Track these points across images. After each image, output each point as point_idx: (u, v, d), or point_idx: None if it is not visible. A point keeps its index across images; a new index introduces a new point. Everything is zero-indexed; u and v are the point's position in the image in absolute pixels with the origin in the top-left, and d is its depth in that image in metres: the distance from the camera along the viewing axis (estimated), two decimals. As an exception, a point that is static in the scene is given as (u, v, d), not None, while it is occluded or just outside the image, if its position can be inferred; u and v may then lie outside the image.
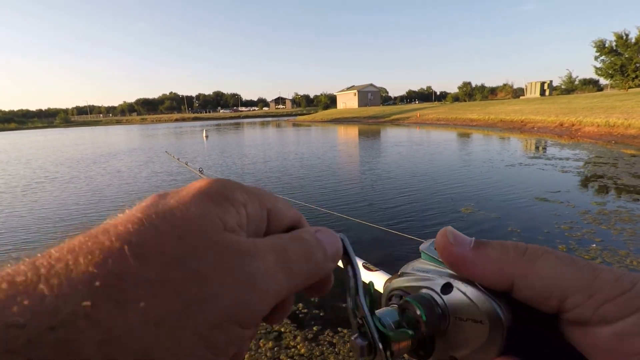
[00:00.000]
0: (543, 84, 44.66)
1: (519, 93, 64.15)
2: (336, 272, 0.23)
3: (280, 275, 0.19)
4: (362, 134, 21.82)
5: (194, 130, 35.96)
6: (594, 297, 0.18)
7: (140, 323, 0.14)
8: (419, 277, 0.25)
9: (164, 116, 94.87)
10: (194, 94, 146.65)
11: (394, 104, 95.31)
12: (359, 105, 61.55)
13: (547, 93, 43.60)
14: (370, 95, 65.87)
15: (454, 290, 0.22)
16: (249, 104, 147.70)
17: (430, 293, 0.23)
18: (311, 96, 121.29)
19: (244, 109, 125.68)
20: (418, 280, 0.25)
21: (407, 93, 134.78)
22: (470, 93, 77.03)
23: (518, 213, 4.97)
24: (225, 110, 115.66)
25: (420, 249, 0.26)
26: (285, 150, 14.37)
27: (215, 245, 0.17)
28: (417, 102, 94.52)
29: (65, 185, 8.64)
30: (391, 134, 20.71)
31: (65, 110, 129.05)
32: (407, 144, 14.57)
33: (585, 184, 6.62)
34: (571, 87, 55.33)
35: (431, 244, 0.25)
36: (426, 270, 0.25)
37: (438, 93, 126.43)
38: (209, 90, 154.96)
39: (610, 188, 6.13)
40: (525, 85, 49.09)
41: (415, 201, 5.80)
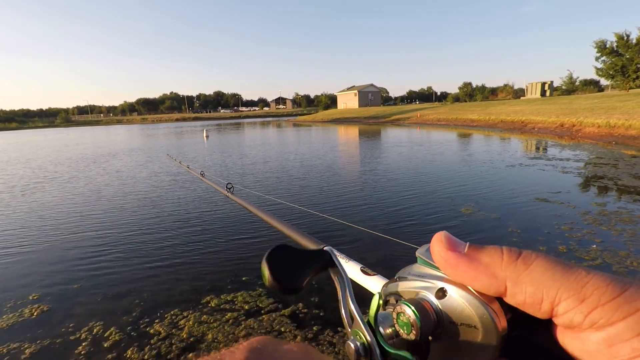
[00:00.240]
0: (544, 84, 44.60)
1: (519, 94, 64.12)
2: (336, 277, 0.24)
3: None
4: (363, 134, 21.81)
5: (194, 130, 36.01)
6: (585, 302, 0.18)
7: None
8: (414, 282, 0.25)
9: (165, 116, 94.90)
10: (195, 94, 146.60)
11: (395, 104, 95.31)
12: (360, 105, 61.55)
13: (548, 94, 43.55)
14: (371, 96, 65.85)
15: (448, 295, 0.23)
16: (250, 104, 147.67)
17: (425, 298, 0.24)
18: (312, 96, 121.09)
19: (244, 109, 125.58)
20: (414, 284, 0.25)
21: (408, 93, 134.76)
22: (470, 93, 76.91)
23: (518, 213, 4.96)
24: (225, 110, 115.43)
25: (416, 253, 0.27)
26: (285, 150, 14.37)
27: None
28: (418, 103, 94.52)
29: (65, 185, 8.64)
30: (392, 134, 20.70)
31: (66, 110, 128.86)
32: (408, 145, 14.56)
33: (585, 184, 6.61)
34: (572, 88, 55.24)
35: (427, 249, 0.26)
36: (422, 274, 0.25)
37: (439, 93, 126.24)
38: (209, 90, 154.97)
39: (610, 189, 6.12)
40: (526, 86, 49.03)
41: (415, 201, 5.79)
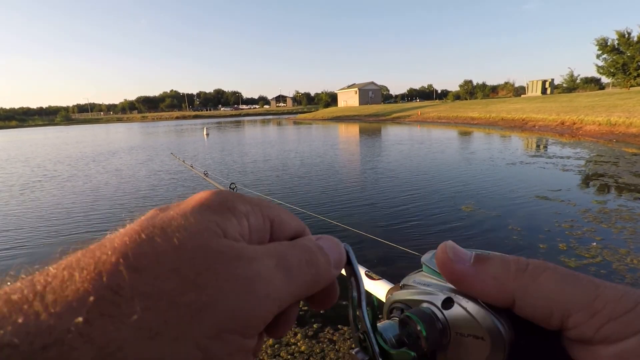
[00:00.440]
0: (544, 82, 44.52)
1: (520, 91, 64.08)
2: (339, 279, 0.23)
3: (280, 280, 0.18)
4: (363, 132, 21.79)
5: (194, 128, 36.00)
6: (596, 316, 0.18)
7: (135, 337, 0.13)
8: (420, 291, 0.25)
9: (165, 114, 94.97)
10: (195, 92, 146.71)
11: (395, 102, 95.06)
12: (360, 103, 61.49)
13: (549, 91, 43.49)
14: (371, 94, 65.78)
15: (455, 305, 0.22)
16: (250, 102, 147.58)
17: (431, 308, 0.23)
18: (312, 94, 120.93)
19: (244, 107, 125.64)
20: (419, 293, 0.25)
21: (408, 91, 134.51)
22: (471, 91, 76.92)
23: (519, 211, 4.96)
24: (226, 108, 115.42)
25: (422, 260, 0.26)
26: (286, 148, 14.37)
27: (212, 252, 0.16)
28: (418, 101, 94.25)
29: (64, 184, 8.65)
30: (392, 132, 20.68)
31: (66, 108, 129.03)
32: (408, 143, 14.55)
33: (586, 182, 6.62)
34: (573, 86, 55.16)
35: (432, 256, 0.25)
36: (427, 283, 0.25)
37: (439, 91, 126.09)
38: (209, 88, 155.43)
39: (611, 187, 6.12)
40: (527, 84, 48.97)
41: (416, 199, 5.80)
